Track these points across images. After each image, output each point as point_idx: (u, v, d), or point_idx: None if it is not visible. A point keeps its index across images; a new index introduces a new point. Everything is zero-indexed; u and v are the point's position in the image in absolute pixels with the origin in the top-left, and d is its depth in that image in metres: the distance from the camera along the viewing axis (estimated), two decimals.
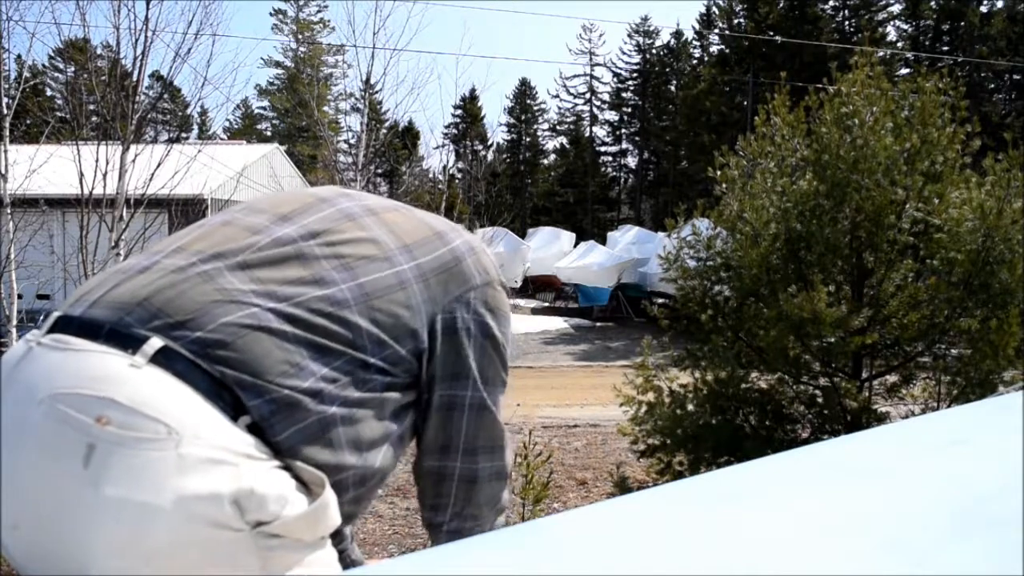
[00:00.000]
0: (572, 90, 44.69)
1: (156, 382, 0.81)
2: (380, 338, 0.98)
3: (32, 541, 0.81)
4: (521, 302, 22.84)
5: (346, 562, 1.17)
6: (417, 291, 1.04)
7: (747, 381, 6.22)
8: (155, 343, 0.83)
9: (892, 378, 6.51)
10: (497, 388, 1.16)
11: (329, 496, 0.87)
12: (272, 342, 0.88)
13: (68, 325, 0.86)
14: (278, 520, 0.81)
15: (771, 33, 30.98)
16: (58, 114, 9.19)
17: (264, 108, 44.81)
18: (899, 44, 33.25)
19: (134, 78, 6.86)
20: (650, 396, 6.24)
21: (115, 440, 0.76)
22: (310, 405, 0.89)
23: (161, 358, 0.82)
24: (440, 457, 1.11)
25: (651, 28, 42.10)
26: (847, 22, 34.20)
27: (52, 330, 0.86)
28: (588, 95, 44.55)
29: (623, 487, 6.62)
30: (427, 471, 1.13)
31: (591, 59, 44.27)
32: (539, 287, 24.95)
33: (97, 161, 6.31)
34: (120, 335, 0.84)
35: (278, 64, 43.32)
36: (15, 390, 0.82)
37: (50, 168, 6.81)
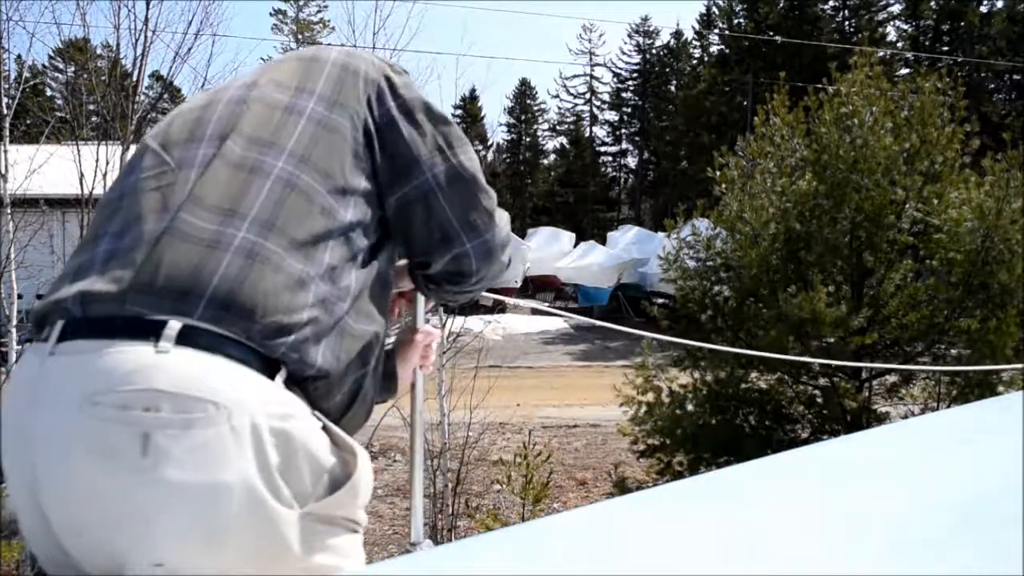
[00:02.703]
0: (572, 90, 44.71)
1: (189, 362, 0.81)
2: (339, 186, 0.97)
3: (97, 543, 0.80)
4: (521, 302, 22.84)
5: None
6: (337, 119, 1.02)
7: (747, 381, 6.23)
8: (174, 325, 0.82)
9: (892, 378, 6.51)
10: (451, 150, 1.08)
11: (362, 469, 0.88)
12: (264, 269, 0.88)
13: (77, 330, 0.84)
14: (318, 502, 0.83)
15: (771, 33, 31.00)
16: (58, 114, 9.18)
17: None
18: (899, 44, 33.25)
19: (134, 78, 6.86)
20: (650, 396, 6.24)
21: (168, 424, 0.77)
22: (323, 319, 0.90)
23: (184, 338, 0.82)
24: (447, 249, 1.08)
25: (651, 28, 42.15)
26: (847, 22, 34.20)
27: (61, 339, 0.84)
28: (588, 95, 44.56)
29: (623, 487, 6.62)
30: (445, 274, 1.12)
31: (591, 59, 44.29)
32: (539, 287, 24.95)
33: (97, 161, 6.31)
34: (135, 326, 0.82)
35: None
36: (45, 407, 0.81)
37: (50, 168, 6.81)
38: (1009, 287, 5.56)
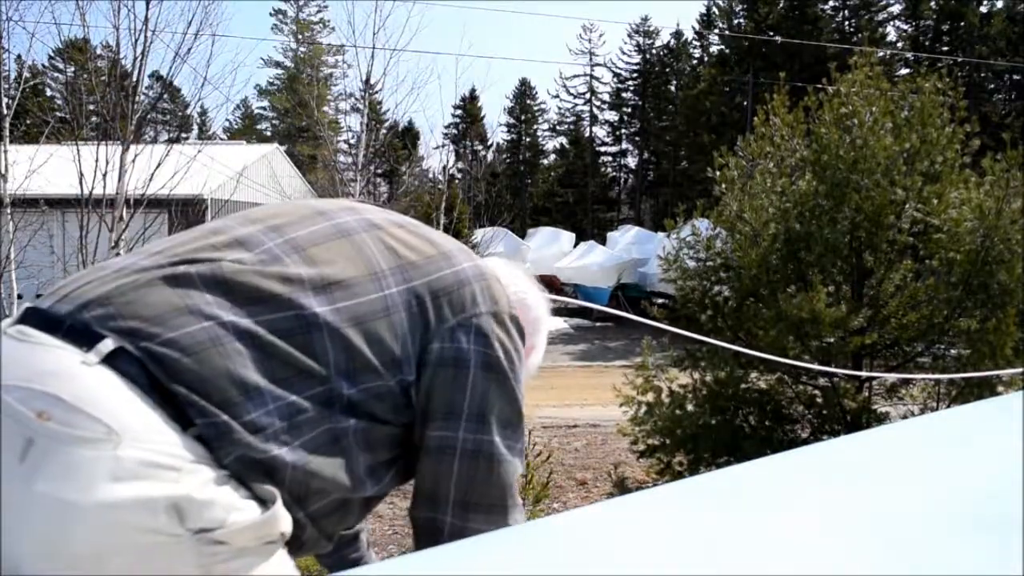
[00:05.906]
0: (572, 90, 44.65)
1: (104, 382, 0.80)
2: (352, 368, 0.91)
3: None
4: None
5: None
6: (405, 317, 0.95)
7: (746, 381, 6.22)
8: (108, 344, 0.81)
9: (891, 377, 6.51)
10: (502, 432, 0.98)
11: (279, 509, 0.84)
12: (224, 361, 0.84)
13: (33, 317, 0.86)
14: (222, 528, 0.79)
15: (771, 33, 30.97)
16: (58, 114, 9.18)
17: (264, 108, 44.79)
18: (899, 44, 33.24)
19: (134, 78, 6.86)
20: (650, 396, 6.23)
21: (53, 436, 0.76)
22: (251, 441, 0.84)
23: (114, 359, 0.81)
24: (430, 508, 0.99)
25: (651, 28, 42.09)
26: (847, 22, 34.19)
27: (20, 320, 0.86)
28: (588, 95, 44.52)
29: (622, 487, 6.63)
30: (418, 522, 1.02)
31: (591, 59, 44.23)
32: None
33: (97, 161, 6.31)
34: (77, 331, 0.82)
35: (278, 64, 43.29)
36: None
37: (50, 168, 6.81)
38: (1009, 287, 5.55)
